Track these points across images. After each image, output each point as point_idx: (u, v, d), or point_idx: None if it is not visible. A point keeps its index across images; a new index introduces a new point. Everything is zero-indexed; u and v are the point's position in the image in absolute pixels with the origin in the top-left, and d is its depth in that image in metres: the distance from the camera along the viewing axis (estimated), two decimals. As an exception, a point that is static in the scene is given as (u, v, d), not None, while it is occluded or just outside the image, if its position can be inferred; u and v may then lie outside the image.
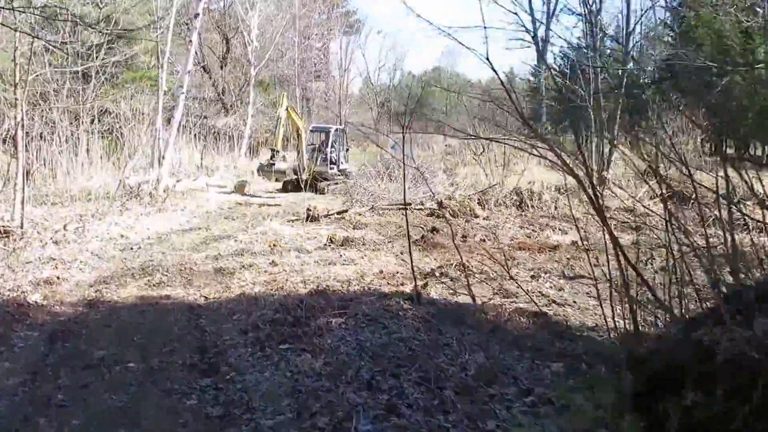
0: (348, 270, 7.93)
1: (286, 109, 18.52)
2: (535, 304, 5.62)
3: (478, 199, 15.29)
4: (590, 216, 14.83)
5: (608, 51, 20.63)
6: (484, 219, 14.00)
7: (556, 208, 15.39)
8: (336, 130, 21.66)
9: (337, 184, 19.96)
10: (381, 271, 7.71)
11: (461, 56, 57.26)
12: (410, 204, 14.98)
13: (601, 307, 4.44)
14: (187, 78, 14.90)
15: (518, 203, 15.51)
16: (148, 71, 21.56)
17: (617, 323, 5.58)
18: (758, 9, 25.11)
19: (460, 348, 4.64)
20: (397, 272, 7.67)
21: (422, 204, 15.05)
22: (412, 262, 6.23)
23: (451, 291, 6.61)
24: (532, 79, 37.99)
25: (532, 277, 7.39)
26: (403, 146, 5.83)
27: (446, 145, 33.32)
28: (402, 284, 6.92)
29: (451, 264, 7.83)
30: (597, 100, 16.56)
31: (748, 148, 34.34)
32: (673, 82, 23.87)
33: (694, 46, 22.83)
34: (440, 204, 14.42)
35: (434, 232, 11.88)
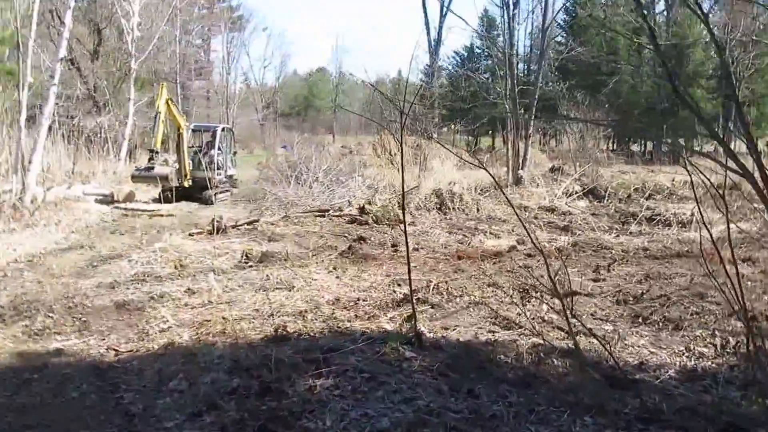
0: (292, 298, 6.40)
1: (166, 102, 15.93)
2: (601, 342, 4.36)
3: (399, 203, 14.15)
4: (514, 218, 14.02)
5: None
6: (409, 224, 12.87)
7: (478, 210, 14.55)
8: (224, 129, 19.43)
9: (224, 192, 17.88)
10: (337, 299, 6.26)
11: (347, 56, 56.27)
12: (327, 211, 13.58)
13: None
14: (59, 67, 12.47)
15: (439, 206, 14.52)
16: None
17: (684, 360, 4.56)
18: (644, 11, 26.18)
19: (515, 419, 3.34)
20: (358, 299, 6.24)
21: (340, 210, 13.65)
22: (412, 295, 4.82)
23: (443, 325, 5.27)
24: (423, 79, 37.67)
25: (522, 298, 6.22)
26: (401, 144, 4.41)
27: (342, 146, 32.12)
28: (374, 316, 5.50)
29: (429, 286, 6.50)
30: (513, 98, 15.94)
31: (628, 143, 36.46)
32: (570, 81, 24.29)
33: (587, 45, 23.23)
34: (362, 209, 13.12)
35: (362, 241, 10.67)
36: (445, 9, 32.95)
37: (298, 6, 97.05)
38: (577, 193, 15.68)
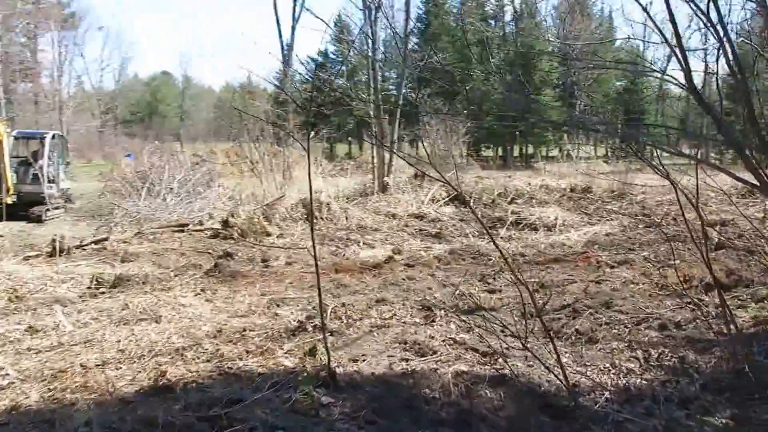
0: (163, 333, 5.48)
1: None
2: (555, 373, 3.95)
3: (264, 214, 13.33)
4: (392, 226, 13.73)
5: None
6: (277, 237, 12.12)
7: (347, 219, 14.09)
8: (54, 136, 17.29)
9: (57, 208, 15.89)
10: (219, 331, 5.43)
11: (194, 61, 53.95)
12: (187, 225, 12.45)
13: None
14: None
15: (306, 216, 13.87)
16: None
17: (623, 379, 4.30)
18: (491, 21, 27.40)
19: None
20: (244, 330, 5.44)
21: (201, 224, 12.56)
22: (324, 326, 4.15)
23: (350, 356, 4.65)
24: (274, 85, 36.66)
25: (426, 317, 5.77)
26: (308, 150, 3.79)
27: (194, 154, 30.20)
28: (268, 351, 4.76)
29: (327, 310, 5.84)
30: (377, 104, 15.73)
31: (480, 150, 38.09)
32: (427, 89, 24.72)
33: (439, 54, 23.73)
34: (225, 222, 12.13)
35: (228, 257, 9.84)
36: (298, 11, 32.14)
37: (138, 5, 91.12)
38: (443, 199, 15.74)
